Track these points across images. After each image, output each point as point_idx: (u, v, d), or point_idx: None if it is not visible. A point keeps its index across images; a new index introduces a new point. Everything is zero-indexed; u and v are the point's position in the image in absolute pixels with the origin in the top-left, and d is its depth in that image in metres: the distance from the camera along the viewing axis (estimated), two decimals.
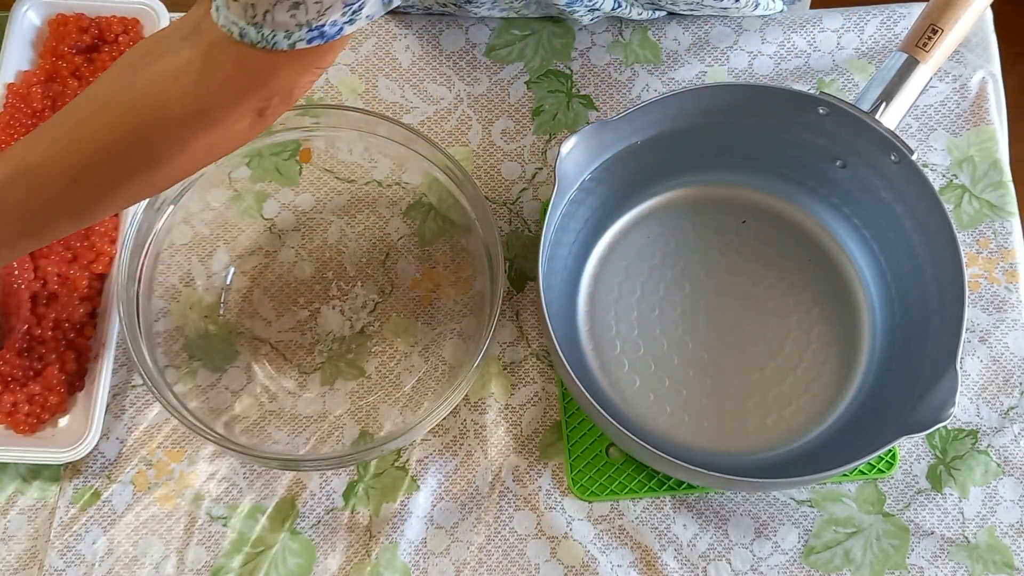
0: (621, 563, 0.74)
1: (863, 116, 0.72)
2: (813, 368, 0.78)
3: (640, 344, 0.78)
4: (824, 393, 0.77)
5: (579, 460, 0.76)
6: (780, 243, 0.81)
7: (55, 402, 0.74)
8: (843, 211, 0.80)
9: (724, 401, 0.77)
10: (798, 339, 0.78)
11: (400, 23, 0.87)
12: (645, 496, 0.75)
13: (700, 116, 0.76)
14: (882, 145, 0.72)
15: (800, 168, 0.80)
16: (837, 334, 0.79)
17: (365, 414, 0.77)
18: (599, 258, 0.81)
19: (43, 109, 0.81)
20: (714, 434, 0.76)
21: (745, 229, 0.81)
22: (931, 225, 0.72)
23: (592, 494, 0.75)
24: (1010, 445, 0.77)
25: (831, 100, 0.73)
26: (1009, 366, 0.78)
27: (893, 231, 0.77)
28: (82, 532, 0.74)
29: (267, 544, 0.74)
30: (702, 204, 0.82)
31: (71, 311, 0.76)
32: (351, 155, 0.82)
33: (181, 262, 0.80)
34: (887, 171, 0.74)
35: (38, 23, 0.84)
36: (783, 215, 0.82)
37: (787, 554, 0.74)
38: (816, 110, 0.74)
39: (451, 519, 0.75)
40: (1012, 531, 0.75)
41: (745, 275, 0.80)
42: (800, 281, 0.80)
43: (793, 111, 0.75)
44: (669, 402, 0.77)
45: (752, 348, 0.78)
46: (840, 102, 0.72)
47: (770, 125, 0.76)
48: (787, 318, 0.79)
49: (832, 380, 0.78)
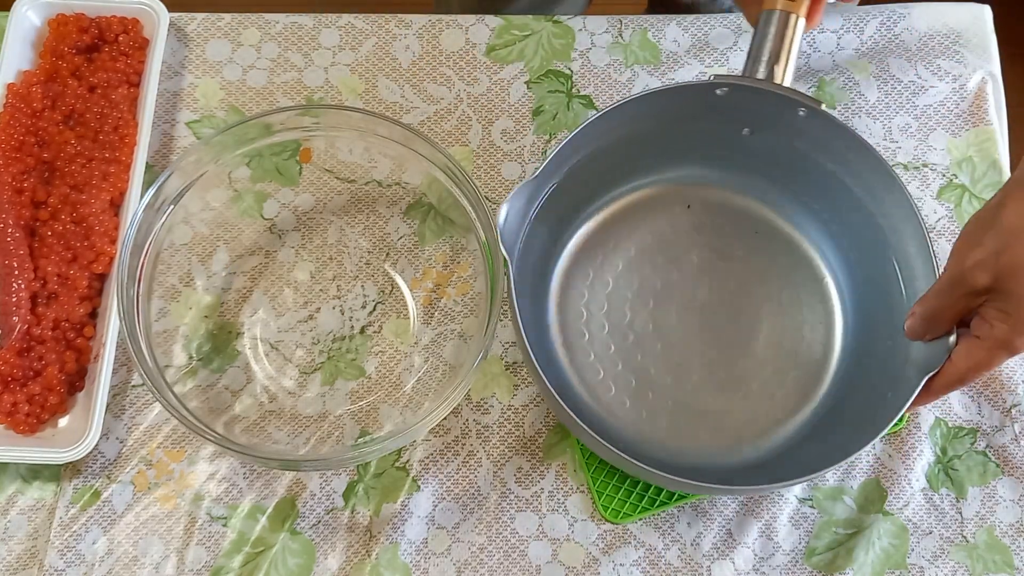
0: (624, 562, 0.74)
1: (760, 85, 0.71)
2: (790, 355, 0.77)
3: (617, 360, 0.77)
4: (805, 377, 0.76)
5: (604, 484, 0.75)
6: (730, 230, 0.80)
7: (55, 402, 0.74)
8: (784, 186, 0.80)
9: (704, 400, 0.76)
10: (772, 328, 0.78)
11: (400, 23, 0.87)
12: (674, 505, 0.75)
13: (628, 127, 0.75)
14: (788, 105, 0.72)
15: (725, 150, 0.79)
16: (809, 314, 0.78)
17: (365, 414, 0.77)
18: (560, 282, 0.79)
19: (43, 109, 0.81)
20: (693, 435, 0.75)
21: (707, 227, 0.80)
22: (865, 171, 0.72)
23: (625, 516, 0.74)
24: (1010, 445, 0.77)
25: (727, 81, 0.72)
26: (1011, 364, 0.78)
27: (834, 193, 0.76)
28: (82, 532, 0.74)
29: (267, 544, 0.74)
30: (651, 206, 0.81)
31: (71, 311, 0.76)
32: (351, 155, 0.82)
33: (181, 262, 0.79)
34: (803, 127, 0.73)
35: (38, 23, 0.84)
36: (727, 203, 0.81)
37: (789, 554, 0.74)
38: (714, 92, 0.73)
39: (452, 519, 0.75)
40: (1012, 531, 0.75)
41: (708, 270, 0.79)
42: (760, 266, 0.79)
43: (698, 101, 0.74)
44: (646, 407, 0.76)
45: (727, 342, 0.77)
46: (736, 79, 0.72)
47: (686, 117, 0.75)
48: (758, 309, 0.78)
49: (812, 362, 0.77)
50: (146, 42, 0.84)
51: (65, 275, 0.76)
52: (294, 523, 0.75)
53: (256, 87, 0.85)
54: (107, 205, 0.79)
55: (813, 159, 0.76)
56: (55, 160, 0.79)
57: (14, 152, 0.79)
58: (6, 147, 0.79)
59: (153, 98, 0.82)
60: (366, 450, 0.70)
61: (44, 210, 0.78)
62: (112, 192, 0.79)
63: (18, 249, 0.76)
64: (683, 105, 0.74)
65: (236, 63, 0.86)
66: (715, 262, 0.80)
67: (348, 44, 0.86)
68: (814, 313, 0.78)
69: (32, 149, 0.79)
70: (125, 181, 0.80)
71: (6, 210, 0.77)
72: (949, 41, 0.87)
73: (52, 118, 0.80)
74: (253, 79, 0.85)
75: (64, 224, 0.78)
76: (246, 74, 0.86)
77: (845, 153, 0.73)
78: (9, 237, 0.76)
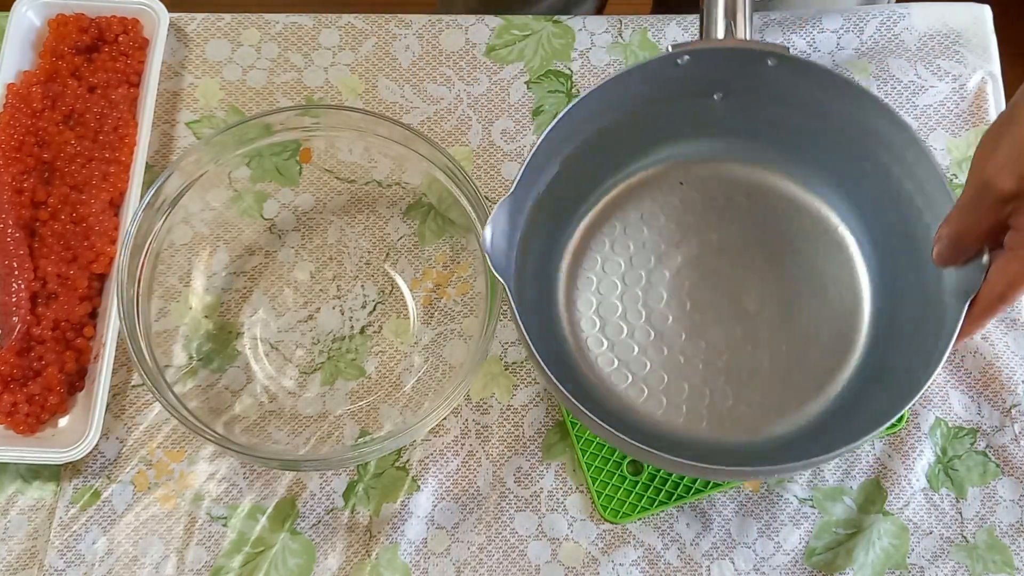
0: (623, 561, 0.74)
1: (720, 44, 0.69)
2: (820, 312, 0.75)
3: (644, 360, 0.76)
4: (840, 333, 0.74)
5: (603, 484, 0.75)
6: (724, 202, 0.78)
7: (55, 402, 0.74)
8: (773, 144, 0.77)
9: (723, 384, 0.75)
10: (791, 302, 0.76)
11: (400, 23, 0.87)
12: (674, 505, 0.75)
13: (600, 120, 0.73)
14: (754, 59, 0.70)
15: (704, 122, 0.77)
16: (830, 267, 0.76)
17: (365, 414, 0.77)
18: (566, 294, 0.78)
19: (43, 109, 0.81)
20: (714, 422, 0.74)
21: (701, 204, 0.78)
22: (850, 106, 0.69)
23: (624, 516, 0.74)
24: (1010, 445, 0.77)
25: (687, 48, 0.70)
26: (1011, 364, 0.78)
27: (826, 139, 0.73)
28: (82, 532, 0.74)
29: (267, 544, 0.74)
30: (641, 194, 0.79)
31: (71, 311, 0.76)
32: (351, 155, 0.82)
33: (181, 262, 0.79)
34: (776, 79, 0.71)
35: (38, 23, 0.84)
36: (716, 174, 0.79)
37: (789, 554, 0.74)
38: (676, 64, 0.71)
39: (452, 519, 0.75)
40: (1012, 531, 0.75)
41: (714, 248, 0.77)
42: (767, 231, 0.77)
43: (663, 77, 0.72)
44: (666, 395, 0.75)
45: (751, 316, 0.76)
46: (694, 44, 0.70)
47: (657, 97, 0.73)
48: (775, 283, 0.76)
49: (844, 314, 0.75)
50: (146, 42, 0.84)
51: (65, 275, 0.76)
52: (294, 523, 0.75)
53: (256, 87, 0.85)
54: (107, 205, 0.79)
55: (796, 109, 0.73)
56: (55, 160, 0.79)
57: (14, 152, 0.79)
58: (6, 147, 0.79)
59: (153, 98, 0.82)
60: (366, 450, 0.70)
61: (44, 210, 0.78)
62: (112, 192, 0.79)
63: (18, 249, 0.76)
64: (650, 85, 0.72)
65: (236, 63, 0.86)
66: (718, 239, 0.78)
67: (348, 44, 0.86)
68: (834, 265, 0.76)
69: (32, 149, 0.79)
70: (125, 181, 0.80)
71: (6, 210, 0.77)
72: (949, 41, 0.87)
73: (52, 118, 0.80)
74: (253, 79, 0.85)
75: (64, 224, 0.78)
76: (246, 74, 0.86)
77: (826, 92, 0.70)
78: (9, 237, 0.76)
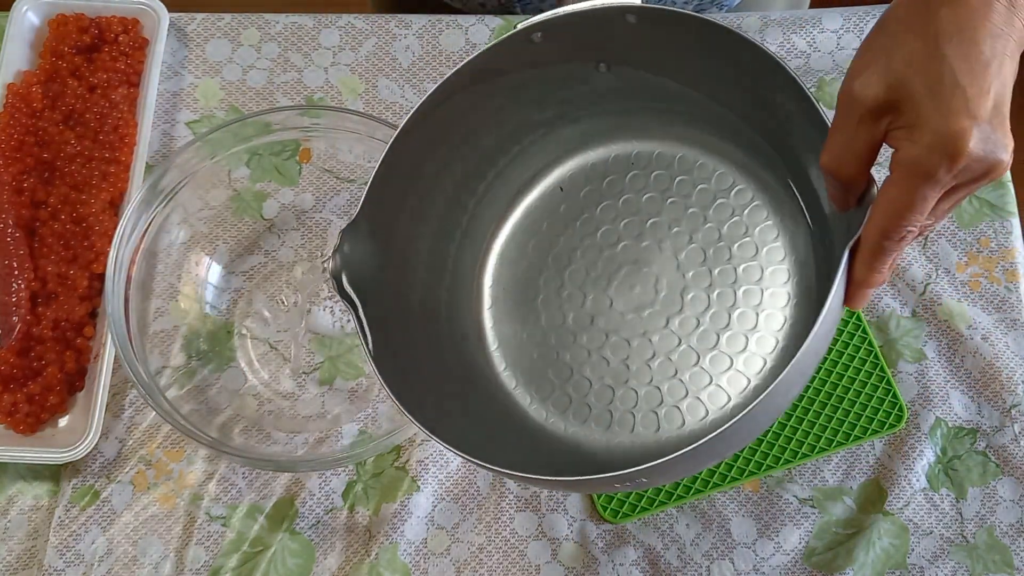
0: (623, 562, 0.74)
1: (575, 13, 0.62)
2: (755, 299, 0.68)
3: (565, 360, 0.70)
4: (775, 319, 0.67)
5: None
6: (621, 186, 0.72)
7: (55, 402, 0.74)
8: (665, 112, 0.70)
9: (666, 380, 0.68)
10: (722, 273, 0.69)
11: (400, 23, 0.87)
12: (674, 505, 0.75)
13: (464, 123, 0.68)
14: (613, 19, 0.62)
15: (585, 103, 0.70)
16: (759, 231, 0.68)
17: (364, 413, 0.77)
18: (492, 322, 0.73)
19: (43, 109, 0.81)
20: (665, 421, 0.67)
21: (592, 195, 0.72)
22: (729, 51, 0.60)
23: (624, 516, 0.74)
24: (1010, 445, 0.77)
25: (536, 24, 0.62)
26: (1011, 364, 0.78)
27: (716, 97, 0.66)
28: (81, 532, 0.74)
29: (266, 544, 0.74)
30: (531, 204, 0.74)
31: (71, 311, 0.76)
32: (351, 155, 0.82)
33: (179, 262, 0.79)
34: (646, 39, 0.64)
35: (38, 23, 0.84)
36: (601, 160, 0.73)
37: (789, 554, 0.74)
38: (531, 43, 0.63)
39: (451, 519, 0.75)
40: (1012, 531, 0.75)
41: (621, 239, 0.71)
42: (673, 207, 0.70)
43: (522, 61, 0.65)
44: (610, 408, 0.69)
45: (674, 316, 0.69)
46: (545, 17, 0.62)
47: (520, 85, 0.67)
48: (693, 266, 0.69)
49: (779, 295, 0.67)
50: (146, 42, 0.84)
51: (65, 275, 0.76)
52: (293, 523, 0.75)
53: (256, 87, 0.85)
54: (107, 205, 0.79)
55: (672, 70, 0.66)
56: (55, 160, 0.79)
57: (14, 152, 0.79)
58: (6, 147, 0.79)
59: (153, 98, 0.82)
60: (361, 450, 0.70)
61: (44, 210, 0.78)
62: (112, 192, 0.79)
63: (18, 249, 0.76)
64: (509, 74, 0.66)
65: (236, 63, 0.86)
66: (620, 229, 0.71)
67: (348, 44, 0.86)
68: (761, 223, 0.69)
69: (32, 149, 0.79)
70: (125, 181, 0.80)
71: (6, 210, 0.77)
72: None
73: (52, 118, 0.80)
74: (253, 79, 0.85)
75: (64, 224, 0.78)
76: (246, 74, 0.86)
77: (701, 44, 0.62)
78: (9, 237, 0.76)
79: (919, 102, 0.48)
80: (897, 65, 0.49)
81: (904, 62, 0.49)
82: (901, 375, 0.78)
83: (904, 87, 0.49)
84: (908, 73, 0.48)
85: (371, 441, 0.73)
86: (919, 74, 0.48)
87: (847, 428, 0.76)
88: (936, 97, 0.48)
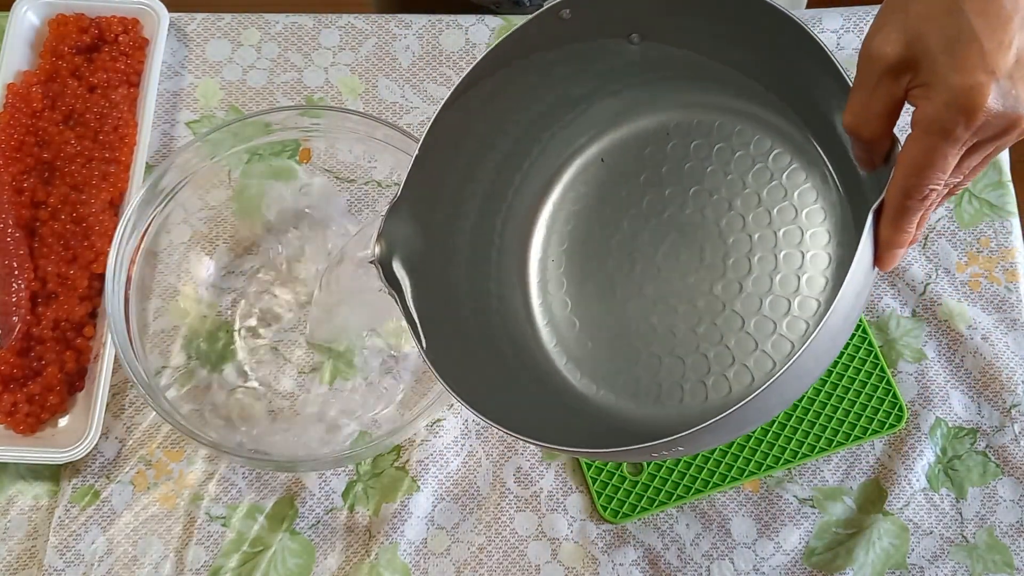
0: (623, 562, 0.74)
1: None
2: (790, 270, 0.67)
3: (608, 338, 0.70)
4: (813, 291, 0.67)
5: (603, 484, 0.75)
6: (660, 157, 0.72)
7: (55, 402, 0.74)
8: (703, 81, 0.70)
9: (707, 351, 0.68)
10: (761, 244, 0.68)
11: (400, 23, 0.87)
12: (674, 505, 0.75)
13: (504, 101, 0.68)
14: None
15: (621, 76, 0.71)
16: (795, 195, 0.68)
17: (364, 413, 0.77)
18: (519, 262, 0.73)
19: (43, 109, 0.81)
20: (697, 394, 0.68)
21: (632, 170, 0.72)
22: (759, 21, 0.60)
23: (624, 516, 0.74)
24: (1010, 445, 0.77)
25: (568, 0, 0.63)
26: (1011, 364, 0.78)
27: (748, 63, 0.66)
28: (81, 532, 0.74)
29: (266, 544, 0.74)
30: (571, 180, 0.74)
31: (71, 311, 0.76)
32: (351, 155, 0.82)
33: (179, 262, 0.80)
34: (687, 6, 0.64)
35: (38, 23, 0.84)
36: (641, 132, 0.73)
37: (789, 554, 0.74)
38: (560, 20, 0.64)
39: (452, 520, 0.75)
40: (1012, 531, 0.75)
41: (659, 213, 0.71)
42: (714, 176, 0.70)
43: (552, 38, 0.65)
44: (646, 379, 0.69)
45: (718, 281, 0.69)
46: None
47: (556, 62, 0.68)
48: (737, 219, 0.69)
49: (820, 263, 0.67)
50: (146, 42, 0.84)
51: (65, 275, 0.76)
52: (293, 523, 0.75)
53: (256, 87, 0.85)
54: (107, 205, 0.79)
55: (716, 37, 0.65)
56: (55, 160, 0.79)
57: (14, 152, 0.79)
58: (6, 147, 0.79)
59: (153, 98, 0.82)
60: (361, 450, 0.70)
61: (44, 210, 0.78)
62: (112, 192, 0.79)
63: (18, 249, 0.76)
64: (542, 51, 0.66)
65: (236, 63, 0.86)
66: (664, 197, 0.71)
67: (348, 44, 0.86)
68: (800, 185, 0.69)
69: (32, 149, 0.79)
70: (125, 181, 0.80)
71: (6, 210, 0.77)
72: None
73: (52, 118, 0.80)
74: (253, 79, 0.85)
75: (64, 224, 0.78)
76: (246, 74, 0.86)
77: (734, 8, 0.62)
78: (9, 237, 0.76)
79: (935, 58, 0.47)
80: (914, 21, 0.48)
81: (921, 17, 0.48)
82: (901, 375, 0.78)
83: (921, 43, 0.48)
84: (925, 28, 0.47)
85: (371, 441, 0.73)
86: (936, 29, 0.47)
87: (847, 428, 0.76)
88: (951, 52, 0.47)
